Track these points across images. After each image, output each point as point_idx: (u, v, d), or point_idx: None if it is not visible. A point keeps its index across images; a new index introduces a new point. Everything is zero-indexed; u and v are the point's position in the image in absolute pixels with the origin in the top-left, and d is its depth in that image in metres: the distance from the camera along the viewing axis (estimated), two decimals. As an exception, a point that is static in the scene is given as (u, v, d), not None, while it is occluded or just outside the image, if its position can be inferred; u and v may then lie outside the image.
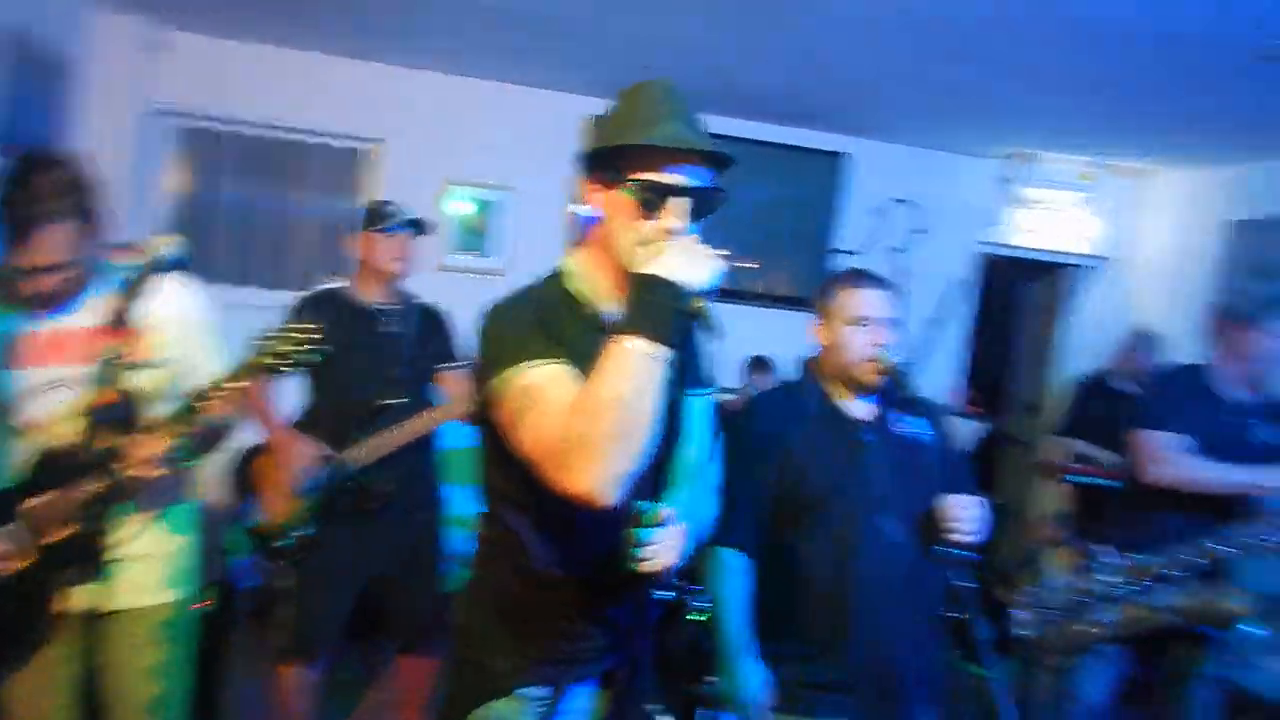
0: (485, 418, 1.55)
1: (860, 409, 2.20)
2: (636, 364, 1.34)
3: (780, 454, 2.14)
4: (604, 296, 1.58)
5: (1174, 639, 2.82)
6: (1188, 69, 3.67)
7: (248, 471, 2.99)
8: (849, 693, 2.07)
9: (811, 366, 2.28)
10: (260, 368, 1.86)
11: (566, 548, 1.59)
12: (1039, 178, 5.31)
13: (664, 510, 1.46)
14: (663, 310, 1.37)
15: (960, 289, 5.25)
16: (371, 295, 2.97)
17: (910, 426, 2.20)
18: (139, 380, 1.96)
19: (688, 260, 1.41)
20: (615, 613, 1.64)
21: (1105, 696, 2.96)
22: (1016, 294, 6.56)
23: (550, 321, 1.51)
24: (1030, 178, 5.35)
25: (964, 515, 2.02)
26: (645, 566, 1.45)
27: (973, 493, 2.09)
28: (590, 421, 1.32)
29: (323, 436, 2.87)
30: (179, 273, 2.02)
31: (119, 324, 1.89)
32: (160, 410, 1.95)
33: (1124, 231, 5.73)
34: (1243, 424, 2.82)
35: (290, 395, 2.96)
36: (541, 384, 1.43)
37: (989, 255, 5.74)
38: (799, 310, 5.21)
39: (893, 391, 2.18)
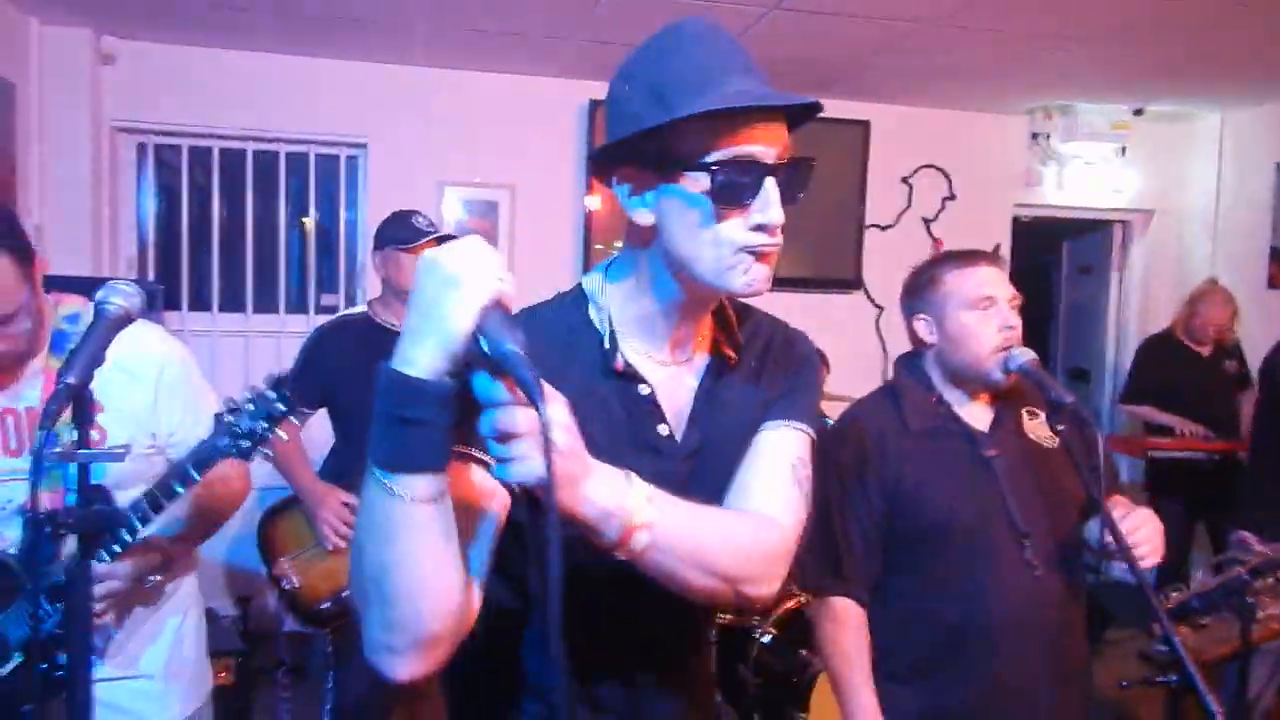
0: None
1: (981, 416, 1.85)
2: (372, 501, 0.89)
3: (887, 479, 1.80)
4: (629, 333, 1.16)
5: None
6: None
7: (272, 532, 2.62)
8: None
9: (908, 367, 1.94)
10: (226, 454, 1.53)
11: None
12: (1072, 131, 4.98)
13: None
14: (406, 421, 0.85)
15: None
16: (399, 318, 2.59)
17: (1041, 429, 1.85)
18: (96, 471, 1.47)
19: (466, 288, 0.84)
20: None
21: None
22: (1055, 256, 6.27)
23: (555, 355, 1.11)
24: (1063, 132, 5.02)
25: (1138, 536, 1.62)
26: None
27: (1124, 502, 1.74)
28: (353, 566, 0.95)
29: (358, 486, 2.51)
30: (141, 321, 1.50)
31: (64, 398, 1.32)
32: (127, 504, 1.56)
33: (1167, 181, 5.43)
34: None
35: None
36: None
37: (1024, 217, 5.43)
38: (821, 293, 4.90)
39: (1019, 391, 1.84)
